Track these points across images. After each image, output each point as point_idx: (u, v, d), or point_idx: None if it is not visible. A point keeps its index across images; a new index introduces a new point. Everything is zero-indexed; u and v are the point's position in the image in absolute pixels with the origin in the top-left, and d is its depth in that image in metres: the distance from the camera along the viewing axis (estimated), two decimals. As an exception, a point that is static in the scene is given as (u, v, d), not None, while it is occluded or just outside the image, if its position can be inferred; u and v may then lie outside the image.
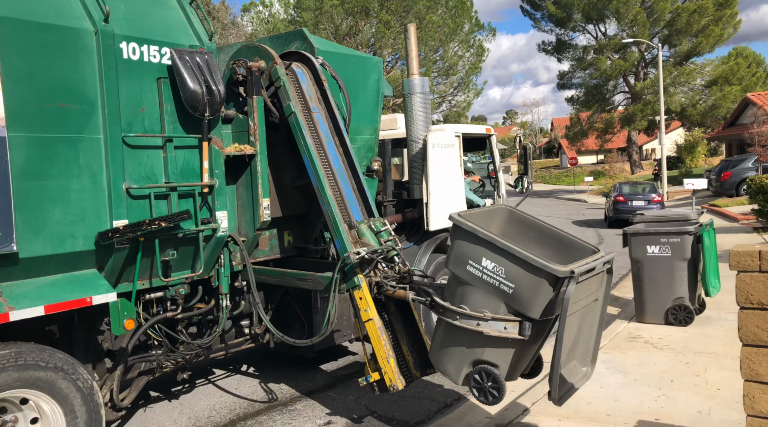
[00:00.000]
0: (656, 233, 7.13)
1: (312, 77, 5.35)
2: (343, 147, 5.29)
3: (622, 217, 18.63)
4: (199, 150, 4.49)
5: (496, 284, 3.67)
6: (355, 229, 4.73)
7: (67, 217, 3.74)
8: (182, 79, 4.19)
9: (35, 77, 3.56)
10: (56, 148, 3.67)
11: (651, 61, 40.17)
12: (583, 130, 42.68)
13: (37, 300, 3.57)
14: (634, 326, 7.18)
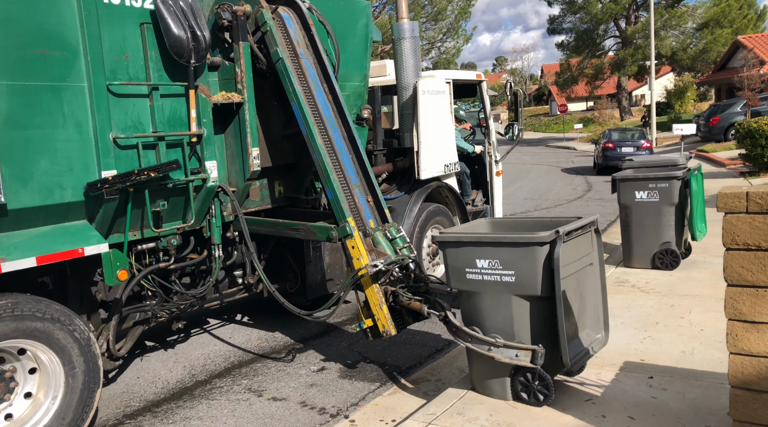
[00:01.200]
0: (645, 179, 7.18)
1: (299, 22, 5.23)
2: (333, 94, 5.22)
3: (611, 164, 18.68)
4: (186, 98, 4.42)
5: (498, 278, 3.76)
6: (370, 237, 4.67)
7: (55, 167, 3.70)
8: (166, 25, 4.08)
9: (13, 23, 3.45)
10: (39, 97, 3.60)
11: (642, 4, 39.52)
12: (573, 76, 42.25)
13: (28, 252, 3.57)
14: (621, 270, 7.30)
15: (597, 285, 4.14)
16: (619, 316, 5.51)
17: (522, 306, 3.74)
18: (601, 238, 4.15)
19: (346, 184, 4.90)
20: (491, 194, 8.68)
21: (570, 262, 3.78)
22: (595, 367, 4.33)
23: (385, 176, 7.28)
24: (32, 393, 3.77)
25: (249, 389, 4.88)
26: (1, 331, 3.44)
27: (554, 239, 3.60)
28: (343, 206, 4.68)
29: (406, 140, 7.03)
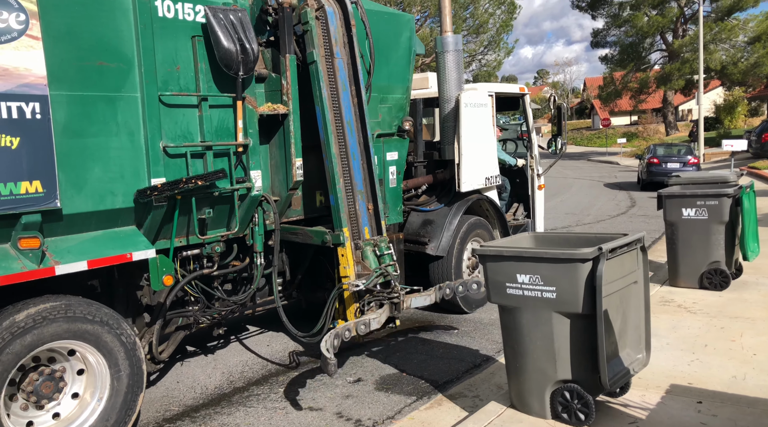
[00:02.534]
0: (693, 196, 7.04)
1: (342, 18, 5.27)
2: (358, 97, 5.30)
3: (656, 179, 18.38)
4: (233, 109, 4.54)
5: (539, 294, 3.71)
6: (360, 250, 5.01)
7: (107, 174, 3.85)
8: (216, 38, 4.21)
9: (74, 36, 3.62)
10: (96, 107, 3.75)
11: (691, 17, 38.71)
12: (616, 90, 41.62)
13: (80, 255, 3.71)
14: (666, 289, 7.13)
15: (640, 304, 4.06)
16: (665, 337, 5.41)
17: (562, 323, 3.68)
18: (647, 256, 4.06)
19: (351, 190, 5.13)
20: (533, 208, 8.61)
21: (613, 280, 3.70)
22: (639, 388, 4.25)
23: (425, 188, 7.32)
24: (79, 394, 3.90)
25: (286, 398, 4.94)
26: (55, 331, 3.58)
27: (597, 256, 3.54)
28: (342, 216, 4.96)
29: (448, 152, 7.05)
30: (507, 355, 4.06)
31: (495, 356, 5.56)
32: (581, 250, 3.58)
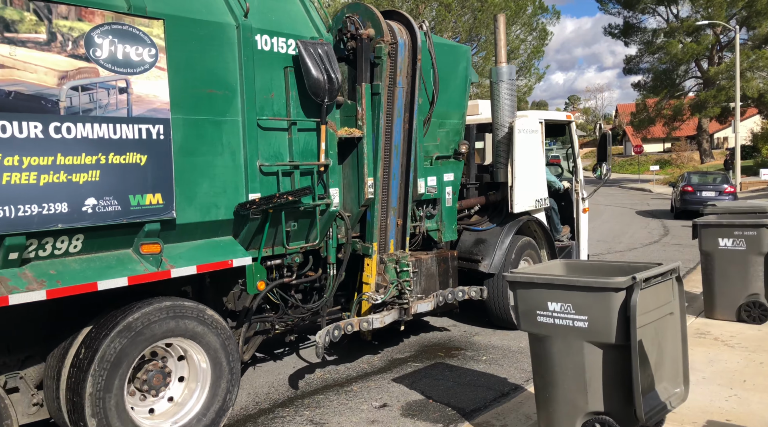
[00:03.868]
0: (730, 226, 6.93)
1: (410, 48, 5.77)
2: (410, 123, 5.82)
3: (691, 208, 18.29)
4: (317, 133, 5.03)
5: (570, 322, 3.66)
6: (384, 264, 5.69)
7: (213, 189, 4.34)
8: (307, 69, 4.73)
9: (191, 67, 4.15)
10: (205, 129, 4.27)
11: (727, 45, 38.78)
12: (649, 117, 41.66)
13: (190, 261, 4.19)
14: (702, 321, 7.01)
15: (677, 336, 3.99)
16: (701, 370, 5.27)
17: (595, 354, 3.62)
18: (683, 286, 4.02)
19: (386, 208, 5.71)
20: (578, 230, 8.93)
21: (648, 310, 3.65)
22: (674, 423, 4.15)
23: (477, 208, 7.74)
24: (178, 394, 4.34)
25: (311, 421, 4.93)
26: (168, 327, 4.04)
27: (631, 286, 3.49)
28: (375, 231, 5.66)
29: (500, 175, 7.45)
30: (536, 384, 3.97)
31: (524, 385, 5.49)
32: (614, 279, 3.54)
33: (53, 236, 3.59)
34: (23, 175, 3.36)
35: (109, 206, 3.72)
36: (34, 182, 3.40)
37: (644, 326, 3.58)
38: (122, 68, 3.73)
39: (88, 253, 3.83)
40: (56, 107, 3.46)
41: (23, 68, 3.33)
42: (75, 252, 3.76)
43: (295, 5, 5.08)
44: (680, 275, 3.98)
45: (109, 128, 3.68)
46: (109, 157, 3.70)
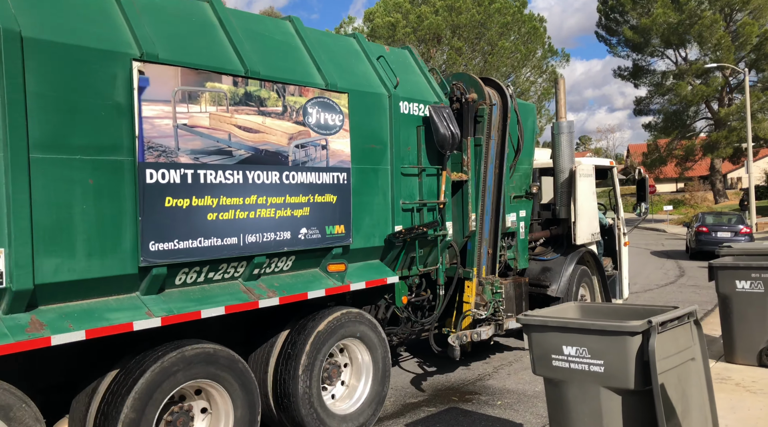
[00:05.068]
0: (747, 268, 7.03)
1: (501, 107, 7.36)
2: (500, 168, 7.34)
3: (706, 249, 18.85)
4: (437, 177, 6.54)
5: (586, 367, 3.72)
6: (481, 286, 7.09)
7: (372, 222, 5.81)
8: (436, 127, 6.27)
9: (362, 128, 5.67)
10: (369, 175, 5.76)
11: (736, 86, 41.05)
12: (661, 157, 43.70)
13: (359, 278, 5.63)
14: (722, 366, 7.11)
15: (702, 383, 4.01)
16: (724, 417, 5.24)
17: (612, 400, 3.68)
18: (702, 330, 4.07)
19: (481, 238, 7.16)
20: (620, 261, 10.43)
21: (668, 355, 3.71)
22: None
23: (542, 241, 9.22)
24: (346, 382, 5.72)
25: None
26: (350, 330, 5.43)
27: (647, 329, 3.57)
28: (474, 258, 7.12)
29: (562, 212, 8.96)
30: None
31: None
32: (630, 322, 3.62)
33: (278, 257, 5.03)
34: (268, 210, 4.82)
35: (314, 234, 5.18)
36: (272, 216, 4.86)
37: (665, 371, 3.63)
38: (323, 130, 5.24)
39: (292, 271, 5.27)
40: (286, 160, 4.95)
41: (268, 132, 4.83)
42: (286, 270, 5.20)
43: (421, 77, 6.67)
44: (698, 319, 4.04)
45: (316, 175, 5.17)
46: (315, 197, 5.17)
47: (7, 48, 3.45)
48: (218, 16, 4.88)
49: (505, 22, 38.39)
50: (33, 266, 3.60)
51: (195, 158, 4.33)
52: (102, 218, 3.91)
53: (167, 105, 4.17)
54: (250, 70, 4.71)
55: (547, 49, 41.37)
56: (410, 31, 37.94)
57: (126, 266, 4.04)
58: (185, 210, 4.26)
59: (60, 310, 3.81)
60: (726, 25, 39.30)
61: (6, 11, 3.53)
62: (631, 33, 41.62)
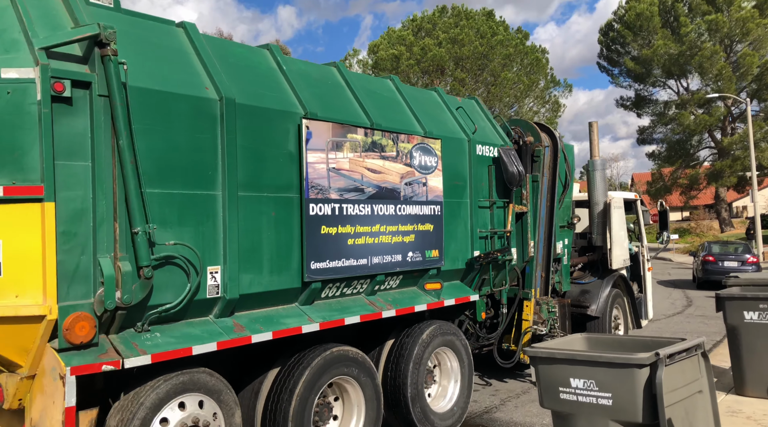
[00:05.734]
0: (754, 298, 7.10)
1: (552, 149, 8.70)
2: (551, 201, 8.63)
3: (713, 278, 19.55)
4: (504, 209, 7.84)
5: (594, 400, 3.81)
6: (539, 305, 8.32)
7: (456, 247, 7.07)
8: (506, 166, 7.59)
9: (450, 168, 6.96)
10: (454, 208, 7.04)
11: (739, 116, 43.02)
12: (665, 185, 45.44)
13: (450, 295, 6.87)
14: (732, 398, 7.21)
15: (709, 416, 4.09)
16: None
17: None
18: (709, 362, 4.16)
19: (536, 263, 8.41)
20: (644, 285, 11.75)
21: (675, 388, 3.79)
22: None
23: (580, 266, 10.51)
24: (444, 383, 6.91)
25: None
26: (438, 342, 6.64)
27: (655, 362, 3.67)
28: (533, 281, 8.35)
29: (598, 240, 10.28)
30: None
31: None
32: (637, 355, 3.73)
33: (391, 276, 6.27)
34: (386, 237, 6.08)
35: (417, 258, 6.43)
36: (389, 242, 6.12)
37: (673, 404, 3.71)
38: (424, 170, 6.53)
39: (398, 288, 6.51)
40: (399, 195, 6.23)
41: (387, 173, 6.11)
42: (394, 288, 6.45)
43: (487, 123, 8.03)
44: (705, 351, 4.15)
45: (419, 208, 6.45)
46: (418, 226, 6.44)
47: (228, 111, 4.74)
48: (344, 78, 6.22)
49: (507, 54, 40.21)
50: (238, 280, 4.82)
51: (340, 195, 5.60)
52: (279, 242, 5.16)
53: (323, 152, 5.45)
54: (375, 123, 6.03)
55: (550, 79, 43.24)
56: (414, 63, 39.63)
57: (294, 281, 5.28)
58: (334, 236, 5.52)
59: (249, 316, 5.03)
60: (726, 56, 41.37)
61: (224, 84, 4.82)
62: (633, 64, 43.66)
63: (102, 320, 4.08)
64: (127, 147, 4.08)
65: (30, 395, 4.05)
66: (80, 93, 4.01)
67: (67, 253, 3.92)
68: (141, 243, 4.14)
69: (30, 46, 3.91)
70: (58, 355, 3.87)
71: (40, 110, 3.81)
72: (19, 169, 3.82)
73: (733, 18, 40.03)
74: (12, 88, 3.82)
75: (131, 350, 4.16)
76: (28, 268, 3.82)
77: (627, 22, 43.41)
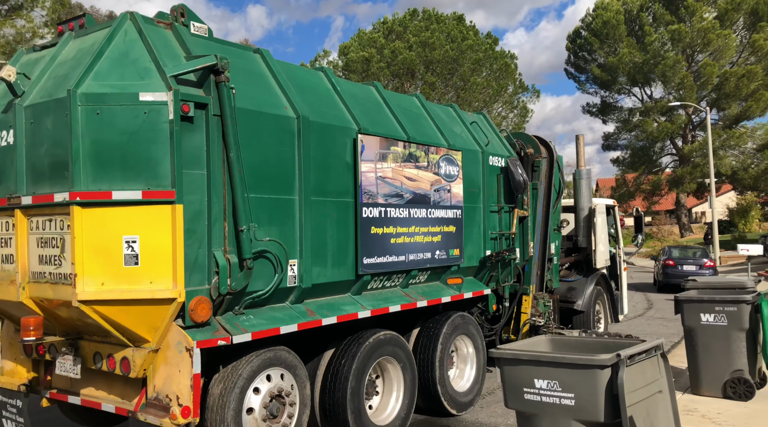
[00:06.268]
0: (711, 301, 7.51)
1: (548, 160, 9.89)
2: (546, 207, 9.84)
3: (673, 282, 20.53)
4: (509, 213, 8.97)
5: (557, 400, 3.97)
6: (536, 300, 9.44)
7: (471, 247, 8.16)
8: (513, 175, 8.72)
9: (468, 176, 8.04)
10: (471, 212, 8.13)
11: (699, 124, 45.43)
12: (629, 191, 47.64)
13: (468, 289, 7.96)
14: (689, 397, 7.53)
15: (669, 415, 4.27)
16: None
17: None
18: (668, 363, 4.36)
19: (533, 261, 9.50)
20: (621, 283, 13.11)
21: (636, 388, 3.95)
22: None
23: (567, 265, 11.76)
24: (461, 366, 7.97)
25: None
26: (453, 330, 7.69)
27: (616, 363, 3.84)
28: (531, 277, 9.48)
29: (583, 243, 11.54)
30: None
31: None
32: (599, 356, 3.88)
33: (421, 272, 7.31)
34: (419, 237, 7.12)
35: (443, 255, 7.50)
36: (421, 241, 7.16)
37: (634, 404, 3.87)
38: (448, 178, 7.60)
39: (425, 282, 7.57)
40: (429, 201, 7.28)
41: (420, 181, 7.15)
42: (423, 282, 7.50)
43: (494, 136, 9.17)
44: (665, 352, 4.34)
45: (444, 212, 7.51)
46: (443, 227, 7.50)
47: (304, 128, 5.72)
48: (382, 96, 7.26)
49: (477, 59, 41.57)
50: (311, 272, 5.80)
51: (385, 199, 6.62)
52: (339, 240, 6.16)
53: (372, 163, 6.47)
54: (411, 137, 7.07)
55: (518, 85, 44.82)
56: (384, 66, 40.64)
57: (350, 274, 6.29)
58: (380, 236, 6.54)
59: (315, 303, 6.02)
60: (688, 65, 43.71)
61: (298, 103, 5.79)
62: (599, 71, 45.70)
63: (215, 303, 5.03)
64: (236, 159, 5.04)
65: (153, 365, 4.96)
66: (199, 113, 4.95)
67: (190, 247, 4.86)
68: (245, 239, 5.10)
69: (161, 73, 4.83)
70: (185, 331, 4.80)
71: (172, 128, 4.74)
72: (153, 176, 4.74)
73: (695, 28, 42.30)
74: (148, 109, 4.74)
75: (236, 329, 5.11)
76: (161, 259, 4.74)
77: (594, 30, 45.44)
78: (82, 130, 4.69)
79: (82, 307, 4.68)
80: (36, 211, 5.03)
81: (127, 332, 4.89)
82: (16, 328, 5.85)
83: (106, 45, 4.93)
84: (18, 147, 5.11)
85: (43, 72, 5.26)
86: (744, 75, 41.08)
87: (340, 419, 6.01)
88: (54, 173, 4.87)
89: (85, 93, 4.70)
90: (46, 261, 4.97)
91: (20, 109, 5.11)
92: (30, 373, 5.91)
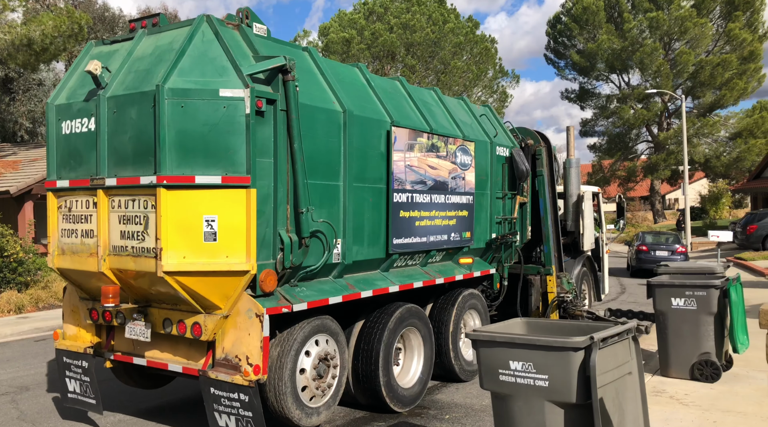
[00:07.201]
0: (681, 286, 7.91)
1: (547, 150, 10.89)
2: (552, 194, 10.85)
3: (645, 267, 21.35)
4: (512, 199, 9.95)
5: (531, 381, 4.12)
6: (560, 278, 10.40)
7: (480, 230, 9.11)
8: (517, 164, 9.68)
9: (479, 165, 8.96)
10: (480, 198, 9.07)
11: (674, 112, 47.10)
12: (605, 177, 49.25)
13: (477, 269, 8.93)
14: (658, 379, 7.83)
15: (637, 396, 4.44)
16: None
17: (556, 413, 4.09)
18: (639, 346, 4.55)
19: (552, 243, 10.52)
20: (603, 265, 14.28)
21: (607, 370, 4.11)
22: None
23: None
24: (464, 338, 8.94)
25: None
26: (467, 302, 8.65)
27: (589, 345, 3.99)
28: (552, 258, 10.43)
29: (572, 227, 12.62)
30: None
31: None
32: (573, 338, 4.01)
33: (438, 252, 8.24)
34: (438, 220, 8.04)
35: (457, 237, 8.44)
36: (439, 224, 8.09)
37: (604, 385, 4.04)
38: (463, 167, 8.52)
39: (440, 262, 8.50)
40: (447, 187, 8.20)
41: (440, 169, 8.06)
42: (438, 261, 8.44)
43: (499, 128, 10.11)
44: (636, 336, 4.57)
45: (459, 198, 8.44)
46: (458, 212, 8.44)
47: (349, 121, 6.57)
48: (406, 90, 8.14)
49: (458, 42, 42.34)
50: (352, 250, 6.69)
51: (412, 186, 7.52)
52: (374, 222, 7.05)
53: (402, 153, 7.35)
54: (433, 129, 7.97)
55: (498, 69, 45.77)
56: (365, 47, 41.17)
57: (381, 253, 7.20)
58: (407, 219, 7.45)
59: (352, 278, 6.92)
60: (665, 53, 45.23)
61: (342, 98, 6.63)
62: (578, 57, 46.98)
63: (279, 276, 5.90)
64: (299, 149, 5.89)
65: (222, 330, 5.80)
66: (269, 108, 5.77)
67: (260, 226, 5.70)
68: (304, 220, 5.97)
69: (237, 71, 5.63)
70: (255, 300, 5.66)
71: (248, 121, 5.56)
72: (230, 163, 5.56)
73: (673, 16, 43.75)
74: (227, 104, 5.55)
75: (294, 299, 5.99)
76: (236, 236, 5.58)
77: (574, 16, 46.64)
78: (168, 121, 5.48)
79: (166, 277, 5.50)
80: (119, 192, 5.82)
81: (201, 300, 5.73)
82: (81, 296, 6.63)
83: (187, 44, 5.71)
84: (101, 134, 5.88)
85: (122, 65, 6.02)
86: (719, 64, 42.69)
87: (373, 381, 6.93)
88: (138, 158, 5.67)
89: (171, 88, 5.49)
90: (128, 236, 5.77)
91: (103, 100, 5.87)
92: (94, 337, 6.71)
